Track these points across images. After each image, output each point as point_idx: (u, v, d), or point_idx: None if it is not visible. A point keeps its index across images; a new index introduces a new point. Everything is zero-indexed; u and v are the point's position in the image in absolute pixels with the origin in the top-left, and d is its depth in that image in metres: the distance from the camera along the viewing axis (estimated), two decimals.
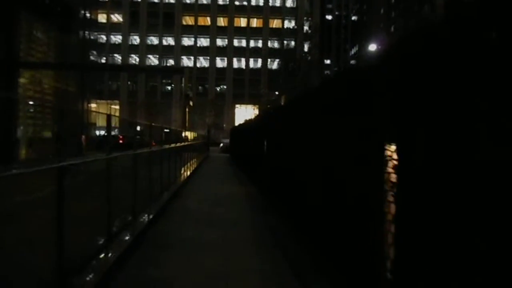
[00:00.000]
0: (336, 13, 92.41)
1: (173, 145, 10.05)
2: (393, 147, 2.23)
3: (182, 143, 13.10)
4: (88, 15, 24.22)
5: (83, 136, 8.82)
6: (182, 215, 6.98)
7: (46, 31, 17.81)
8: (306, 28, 55.13)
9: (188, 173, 13.44)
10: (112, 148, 4.70)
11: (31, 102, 15.96)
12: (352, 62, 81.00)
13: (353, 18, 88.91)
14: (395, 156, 2.19)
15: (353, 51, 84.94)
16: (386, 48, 2.86)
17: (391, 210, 2.21)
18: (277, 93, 39.74)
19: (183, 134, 18.73)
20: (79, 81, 18.65)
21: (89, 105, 22.30)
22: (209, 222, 6.45)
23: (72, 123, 13.57)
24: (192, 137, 21.07)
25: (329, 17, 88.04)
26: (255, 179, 10.36)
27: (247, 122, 12.89)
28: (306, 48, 51.93)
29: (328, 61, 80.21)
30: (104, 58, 61.18)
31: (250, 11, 61.23)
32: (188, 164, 14.82)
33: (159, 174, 7.64)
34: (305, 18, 55.76)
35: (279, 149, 6.62)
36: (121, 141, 18.19)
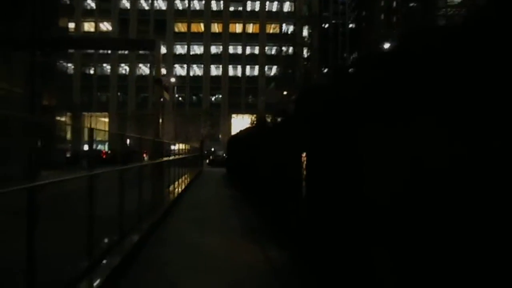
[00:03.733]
0: (333, 21, 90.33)
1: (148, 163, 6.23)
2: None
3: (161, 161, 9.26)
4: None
5: None
6: None
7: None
8: (305, 33, 52.05)
9: (170, 200, 9.62)
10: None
11: None
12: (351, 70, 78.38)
13: (350, 25, 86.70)
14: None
15: (351, 58, 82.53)
16: None
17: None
18: (285, 92, 35.92)
19: (171, 147, 15.04)
20: (27, 79, 14.45)
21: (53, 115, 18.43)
22: None
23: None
24: (185, 150, 17.30)
25: (326, 25, 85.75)
26: (277, 220, 6.53)
27: (259, 124, 8.81)
28: (305, 54, 49.10)
29: (325, 70, 77.47)
30: (93, 68, 57.92)
31: (245, 17, 58.22)
32: (174, 191, 10.99)
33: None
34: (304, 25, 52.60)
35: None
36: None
